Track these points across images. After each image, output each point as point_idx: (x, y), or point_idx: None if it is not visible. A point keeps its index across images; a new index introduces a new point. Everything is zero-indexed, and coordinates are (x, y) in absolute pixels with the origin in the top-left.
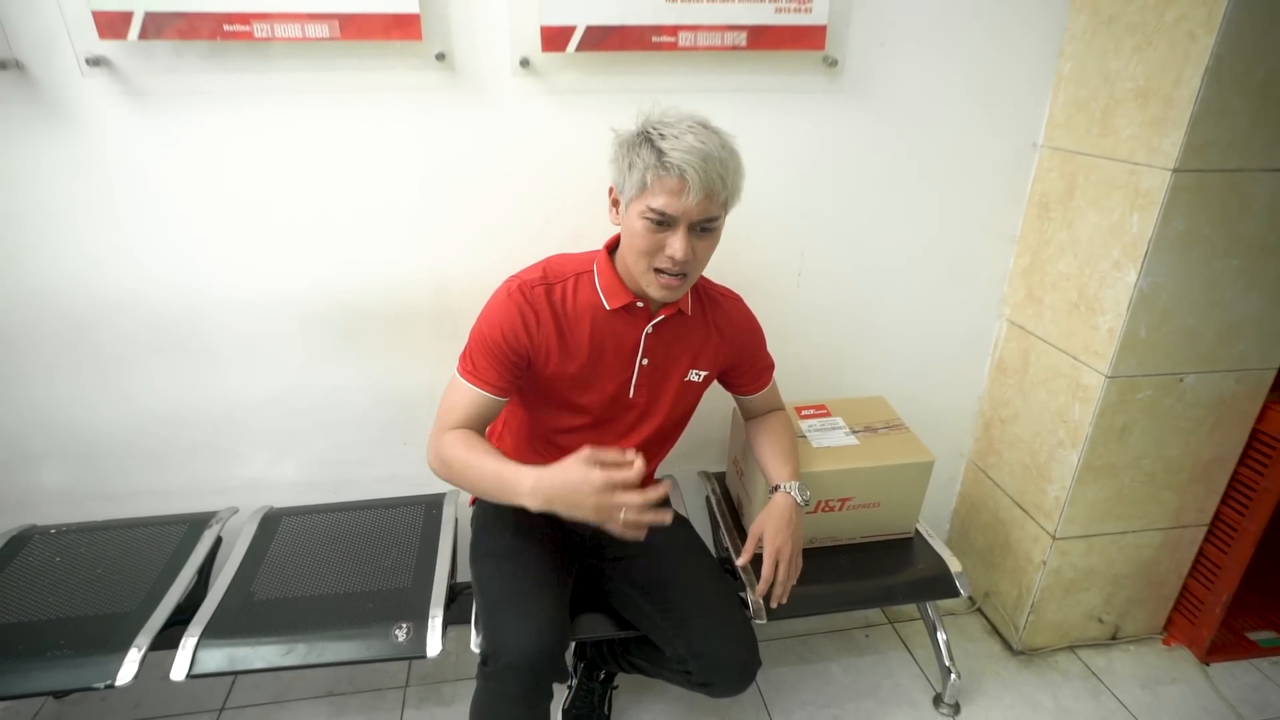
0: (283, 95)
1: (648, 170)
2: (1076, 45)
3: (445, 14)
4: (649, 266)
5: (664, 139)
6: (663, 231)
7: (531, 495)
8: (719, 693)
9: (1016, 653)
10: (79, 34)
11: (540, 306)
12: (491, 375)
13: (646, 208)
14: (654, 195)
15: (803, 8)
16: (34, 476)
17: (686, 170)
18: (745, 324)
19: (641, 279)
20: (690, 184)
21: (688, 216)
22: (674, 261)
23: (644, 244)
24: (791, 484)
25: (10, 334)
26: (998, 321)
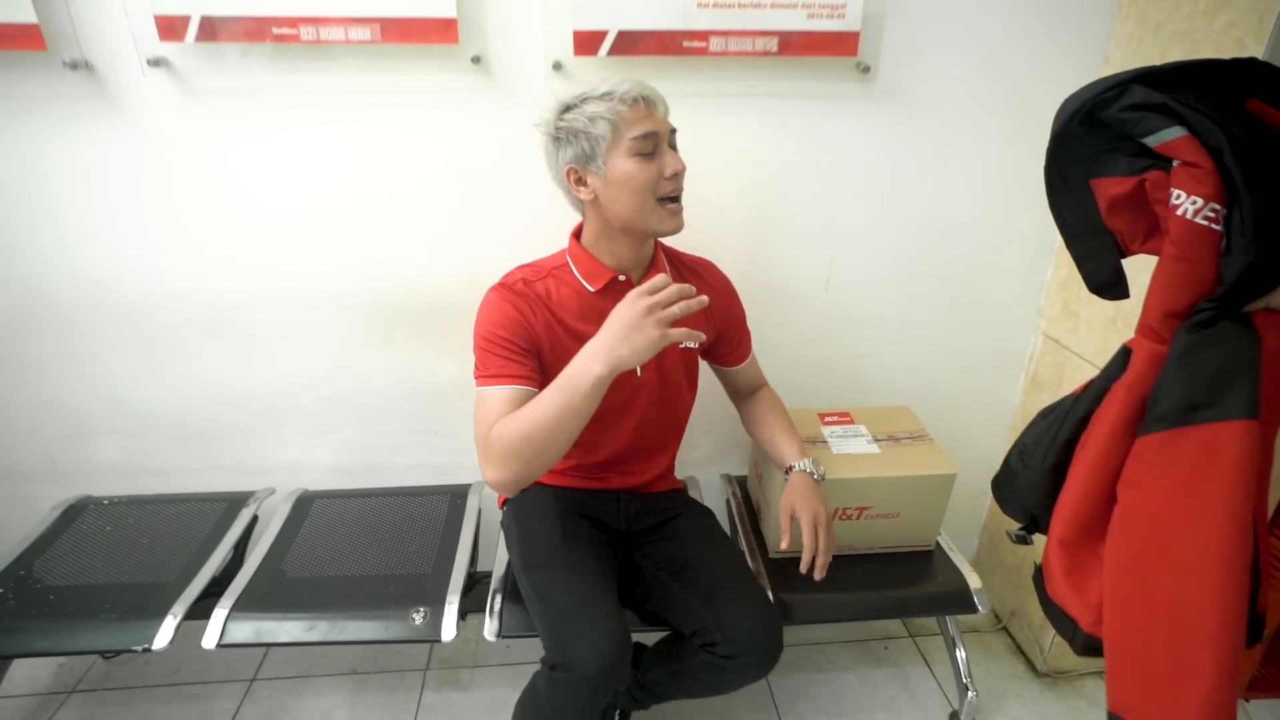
0: (325, 96)
1: (613, 111)
2: (1122, 53)
3: (481, 18)
4: (654, 201)
5: (599, 90)
6: (652, 159)
7: (601, 361)
8: (742, 670)
9: (1040, 674)
10: (141, 36)
11: (530, 298)
12: (511, 368)
13: (630, 141)
14: (632, 126)
15: (835, 14)
16: (91, 450)
17: (645, 92)
18: (725, 287)
19: (650, 219)
20: (654, 100)
21: (665, 130)
22: (676, 175)
23: (642, 179)
24: (804, 461)
25: (73, 316)
26: (1033, 335)
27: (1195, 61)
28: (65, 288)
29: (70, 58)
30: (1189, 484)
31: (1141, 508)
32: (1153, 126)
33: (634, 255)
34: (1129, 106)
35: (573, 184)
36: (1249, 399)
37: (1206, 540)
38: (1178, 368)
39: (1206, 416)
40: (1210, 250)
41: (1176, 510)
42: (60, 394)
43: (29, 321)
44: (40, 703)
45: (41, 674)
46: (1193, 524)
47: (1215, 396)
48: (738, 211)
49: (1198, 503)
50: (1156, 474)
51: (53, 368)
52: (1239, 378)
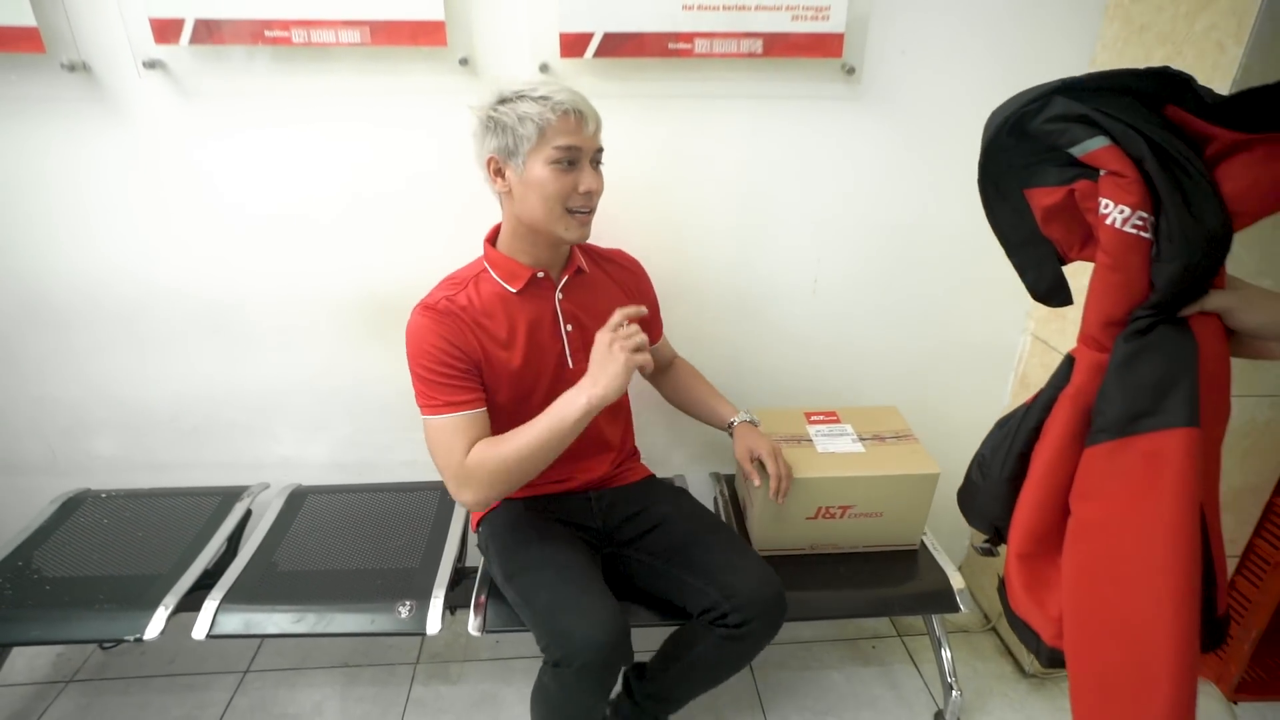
0: (318, 97)
1: (541, 117)
2: (1109, 54)
3: (469, 21)
4: (563, 210)
5: (537, 92)
6: (570, 171)
7: (587, 395)
8: (757, 635)
9: (1028, 675)
10: (137, 39)
11: (454, 315)
12: (460, 395)
13: (553, 149)
14: (556, 136)
15: (820, 15)
16: (91, 444)
17: (579, 106)
18: (638, 270)
19: (557, 225)
20: (587, 116)
21: (589, 148)
22: (589, 195)
23: (555, 188)
24: (741, 414)
25: (72, 314)
26: (1022, 336)
27: (1114, 71)
28: (64, 286)
29: (68, 60)
30: (1136, 494)
31: (1093, 519)
32: (1077, 137)
33: (550, 253)
34: (1052, 118)
35: (491, 173)
36: (1189, 406)
37: (1155, 551)
38: (1118, 377)
39: (1149, 425)
40: (1142, 258)
41: (1126, 521)
42: (60, 389)
43: (30, 319)
44: (39, 691)
45: (41, 663)
46: (1141, 535)
47: (1156, 404)
48: (724, 213)
49: (1145, 513)
50: (1105, 485)
51: (52, 364)
52: (1178, 384)
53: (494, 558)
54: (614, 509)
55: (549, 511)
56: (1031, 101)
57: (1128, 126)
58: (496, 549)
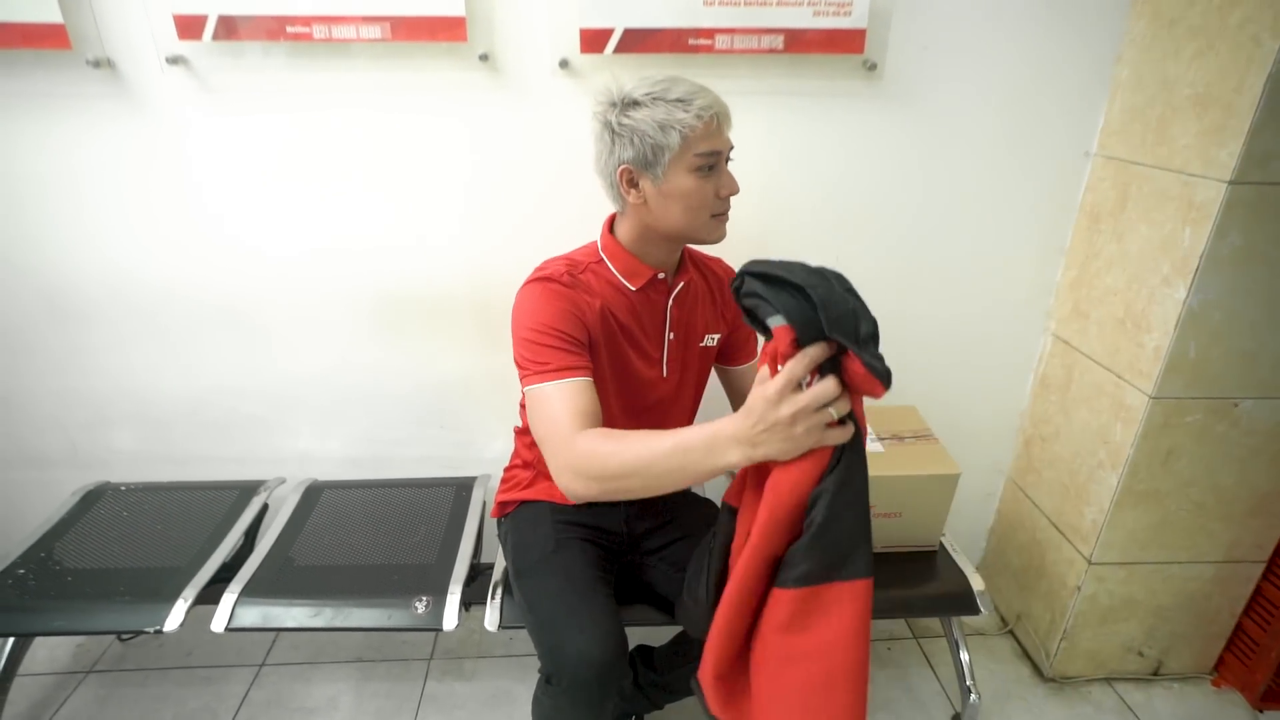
0: (337, 93)
1: (685, 124)
2: (1135, 50)
3: (489, 16)
4: (709, 215)
5: (670, 93)
6: (712, 176)
7: (738, 454)
8: None
9: (1046, 679)
10: (161, 35)
11: (579, 289)
12: (571, 360)
13: (694, 157)
14: (698, 142)
15: (841, 11)
16: (111, 437)
17: (720, 108)
18: (721, 276)
19: (700, 231)
20: (724, 117)
21: (727, 149)
22: (731, 194)
23: (700, 197)
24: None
25: (94, 308)
26: (1043, 336)
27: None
28: (87, 280)
29: (93, 56)
30: (835, 628)
31: (805, 649)
32: (765, 313)
33: (668, 256)
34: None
35: (624, 184)
36: (867, 560)
37: (849, 670)
38: (816, 540)
39: (841, 576)
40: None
41: (832, 649)
42: (82, 383)
43: (53, 312)
44: (60, 681)
45: (61, 654)
46: (840, 658)
47: (845, 560)
48: (742, 209)
49: (842, 642)
50: (809, 621)
51: (75, 357)
52: (860, 545)
53: (510, 550)
54: (641, 517)
55: (574, 512)
56: (735, 280)
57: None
58: (514, 542)
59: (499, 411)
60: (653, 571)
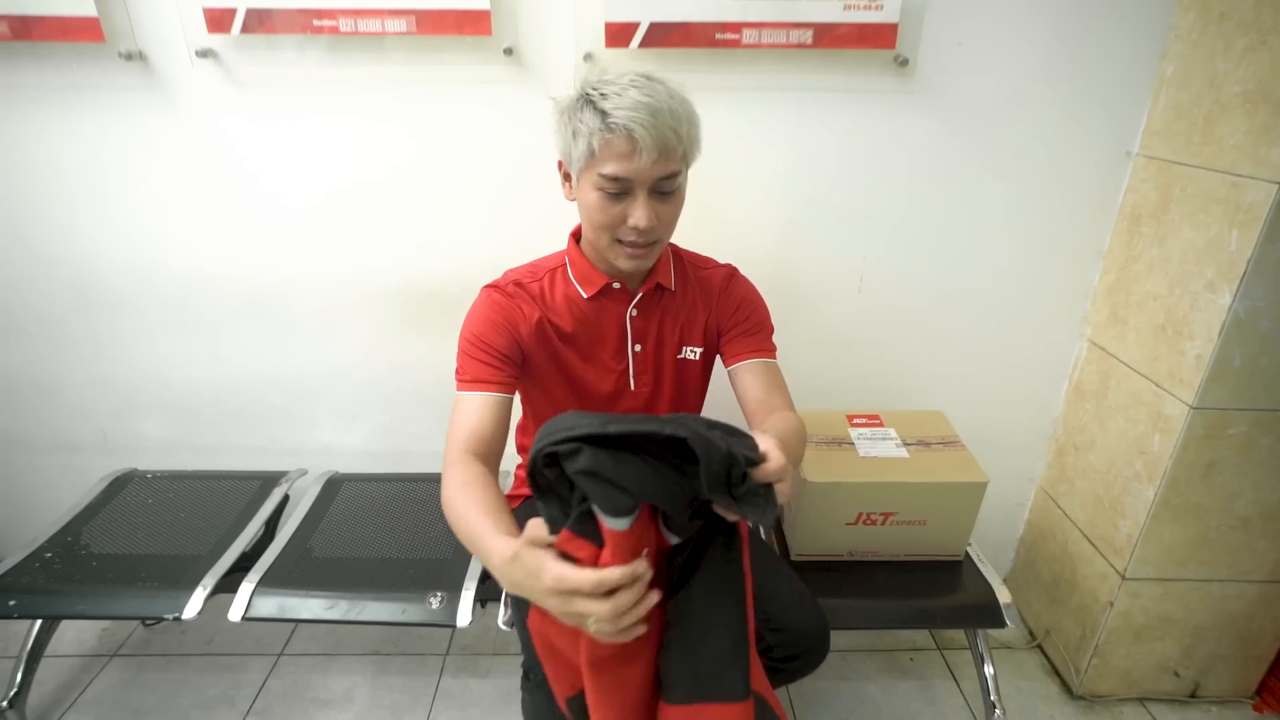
0: (363, 86)
1: (593, 135)
2: (1182, 45)
3: (514, 10)
4: (612, 239)
5: (606, 99)
6: (621, 201)
7: (498, 571)
8: (802, 665)
9: (1076, 697)
10: (191, 29)
11: (519, 299)
12: (487, 373)
13: (599, 176)
14: (604, 162)
15: (873, 5)
16: (139, 425)
17: (634, 129)
18: (724, 284)
19: (608, 253)
20: (641, 143)
21: (644, 179)
22: (638, 231)
23: (602, 217)
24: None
25: (123, 298)
26: (1078, 341)
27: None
28: (115, 270)
29: (125, 49)
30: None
31: None
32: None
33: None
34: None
35: (561, 176)
36: (743, 679)
37: None
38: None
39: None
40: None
41: None
42: (111, 371)
43: (83, 302)
44: (85, 664)
45: (87, 637)
46: None
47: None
48: (769, 208)
49: None
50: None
51: (105, 346)
52: (734, 663)
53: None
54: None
55: None
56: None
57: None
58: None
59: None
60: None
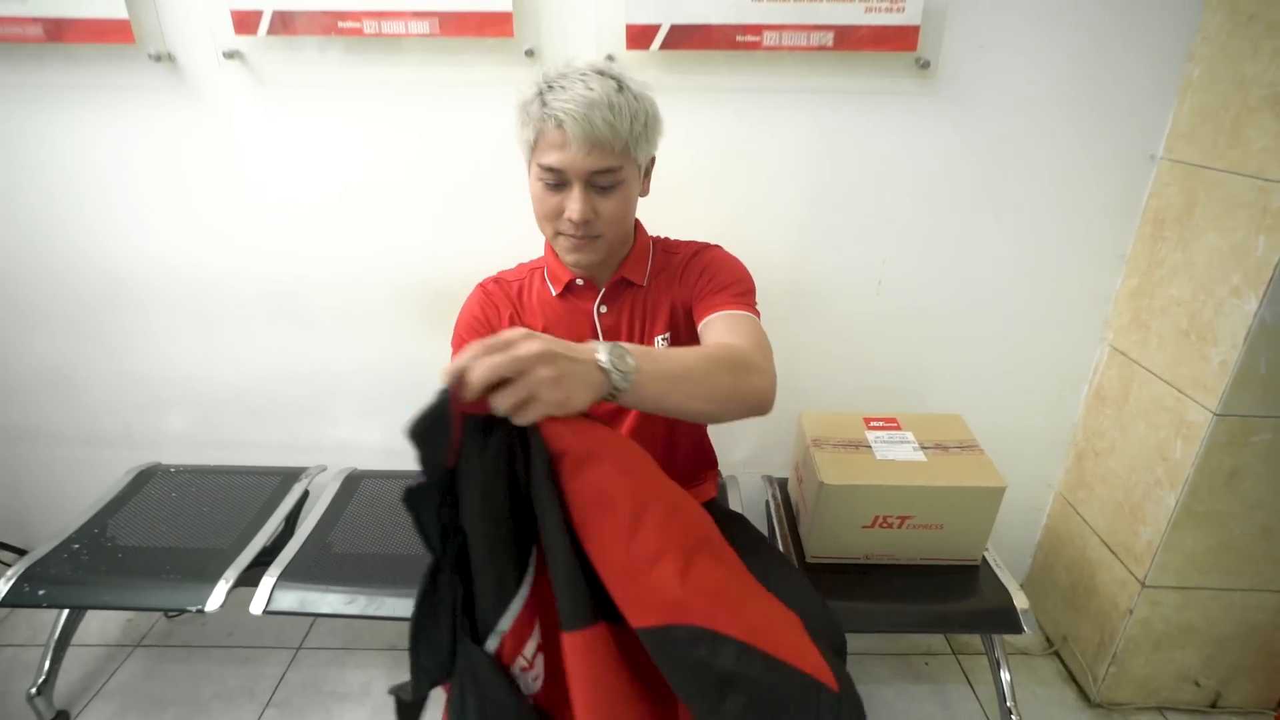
0: (384, 86)
1: (535, 124)
2: (1209, 47)
3: (536, 11)
4: (555, 231)
5: (552, 90)
6: (559, 192)
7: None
8: None
9: (1093, 705)
10: (218, 30)
11: (498, 297)
12: None
13: (538, 166)
14: (542, 151)
15: (895, 7)
16: (163, 420)
17: (565, 120)
18: (690, 258)
19: (554, 244)
20: (569, 134)
21: (577, 170)
22: (573, 224)
23: (542, 208)
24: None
25: (149, 295)
26: (1099, 346)
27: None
28: (143, 267)
29: (155, 50)
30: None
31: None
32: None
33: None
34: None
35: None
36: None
37: None
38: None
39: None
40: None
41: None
42: (137, 367)
43: (111, 298)
44: (110, 653)
45: (112, 627)
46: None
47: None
48: (786, 210)
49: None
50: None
51: (132, 342)
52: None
53: None
54: None
55: None
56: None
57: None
58: None
59: None
60: None
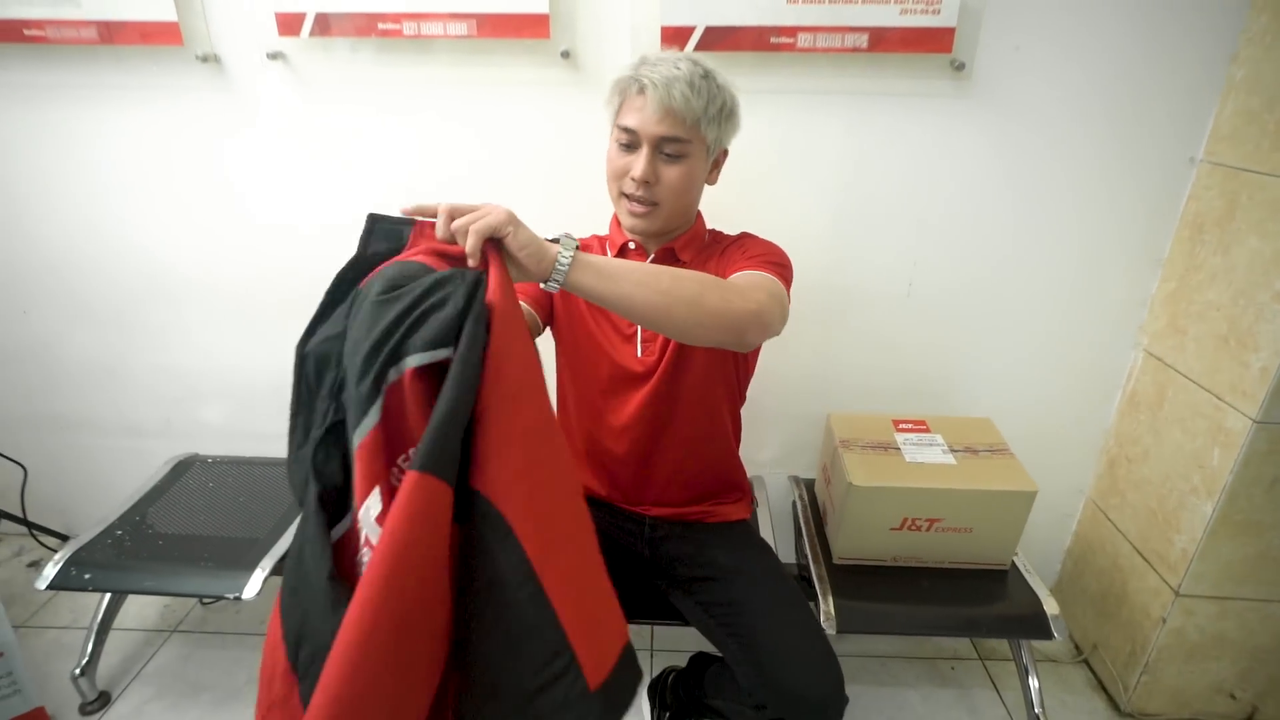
0: (422, 86)
1: (622, 90)
2: (1254, 49)
3: (572, 13)
4: (619, 192)
5: (645, 65)
6: (630, 154)
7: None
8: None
9: (1123, 714)
10: (263, 32)
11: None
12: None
13: (617, 127)
14: (624, 114)
15: (930, 9)
16: (201, 412)
17: (647, 86)
18: (732, 240)
19: (616, 206)
20: (648, 99)
21: (648, 133)
22: (635, 182)
23: (612, 167)
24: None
25: (188, 288)
26: (1134, 351)
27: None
28: (184, 261)
29: (201, 52)
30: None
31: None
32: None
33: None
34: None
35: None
36: (432, 454)
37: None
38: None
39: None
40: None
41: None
42: (177, 359)
43: (152, 290)
44: (148, 638)
45: (150, 612)
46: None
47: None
48: (818, 211)
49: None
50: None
51: (170, 335)
52: (430, 435)
53: None
54: (666, 543)
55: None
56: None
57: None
58: None
59: None
60: (685, 607)
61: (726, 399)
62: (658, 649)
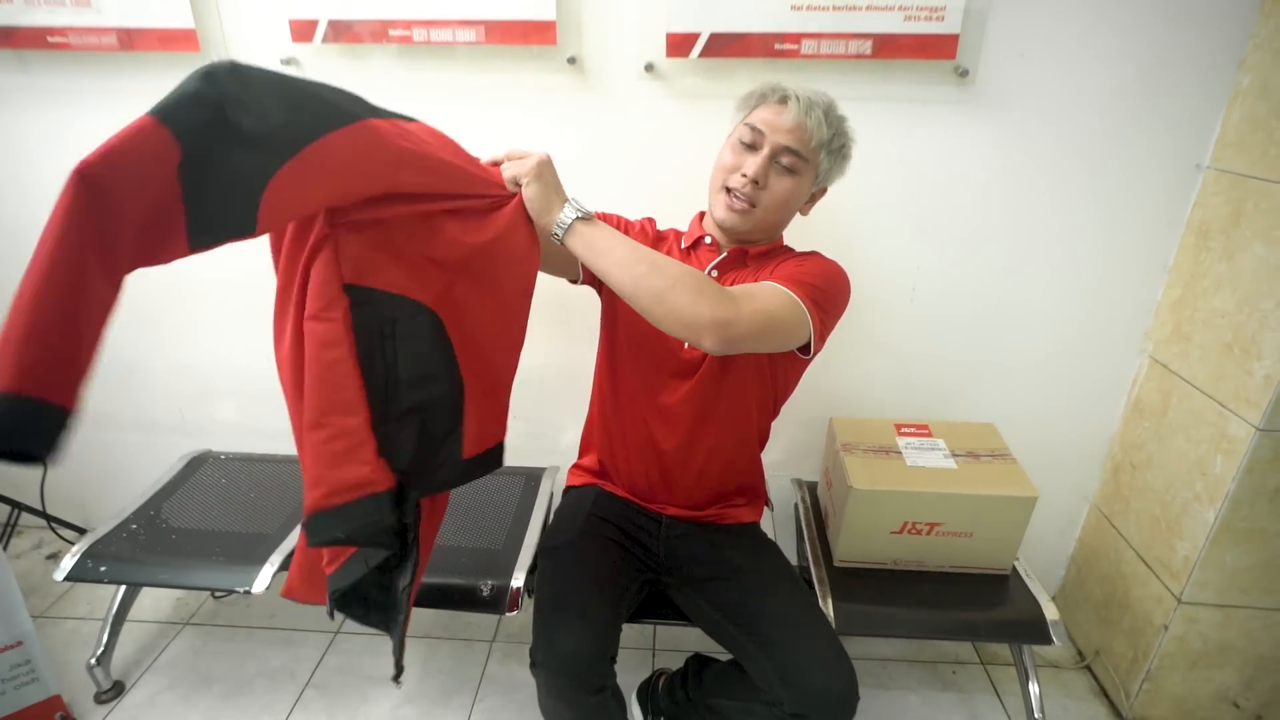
0: (431, 91)
1: (762, 94)
2: (1261, 54)
3: (578, 20)
4: (722, 184)
5: (787, 83)
6: (747, 154)
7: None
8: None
9: None
10: (277, 38)
11: (649, 228)
12: None
13: (744, 126)
14: (757, 113)
15: (934, 15)
16: (215, 409)
17: (791, 97)
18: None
19: (713, 199)
20: (789, 108)
21: (775, 138)
22: (744, 179)
23: (726, 161)
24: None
25: (204, 286)
26: (1138, 357)
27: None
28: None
29: (218, 57)
30: None
31: None
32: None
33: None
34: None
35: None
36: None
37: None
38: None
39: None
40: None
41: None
42: (192, 357)
43: (170, 289)
44: (161, 630)
45: (163, 605)
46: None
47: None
48: (822, 215)
49: None
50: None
51: (186, 333)
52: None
53: (550, 527)
54: (680, 542)
55: (615, 511)
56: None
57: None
58: (555, 521)
59: (571, 404)
60: (694, 607)
61: (758, 407)
62: (658, 649)
